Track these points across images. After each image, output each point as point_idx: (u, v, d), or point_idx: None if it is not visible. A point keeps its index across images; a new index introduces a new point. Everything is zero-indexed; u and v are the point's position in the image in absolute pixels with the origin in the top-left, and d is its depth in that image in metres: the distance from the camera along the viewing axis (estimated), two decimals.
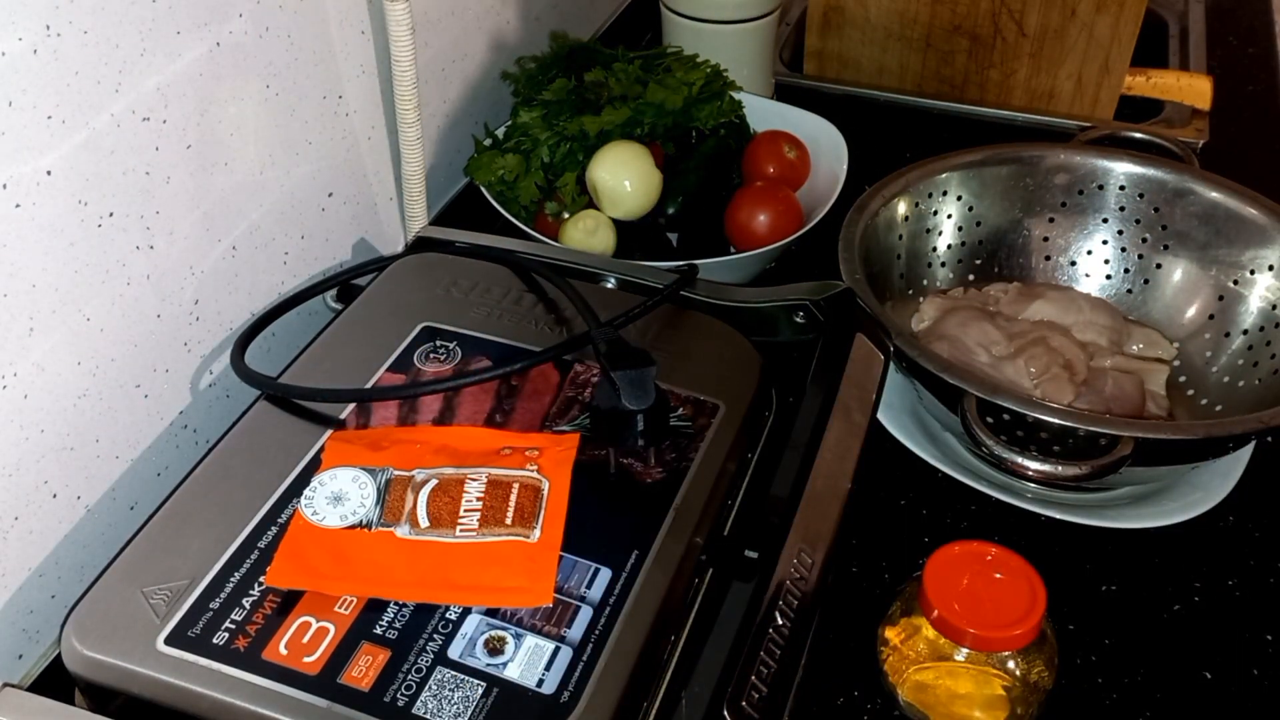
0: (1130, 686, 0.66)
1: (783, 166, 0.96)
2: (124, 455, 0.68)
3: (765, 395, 0.66)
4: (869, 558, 0.73)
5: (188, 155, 0.68)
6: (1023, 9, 1.08)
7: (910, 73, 1.17)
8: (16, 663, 0.63)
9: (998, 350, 0.81)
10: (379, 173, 0.87)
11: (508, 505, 0.56)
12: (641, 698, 0.51)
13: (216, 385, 0.74)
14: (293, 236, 0.79)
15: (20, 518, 0.61)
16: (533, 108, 0.94)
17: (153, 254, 0.67)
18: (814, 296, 0.72)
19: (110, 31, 0.60)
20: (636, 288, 0.73)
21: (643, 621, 0.52)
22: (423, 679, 0.49)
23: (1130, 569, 0.72)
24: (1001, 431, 0.70)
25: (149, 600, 0.53)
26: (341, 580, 0.53)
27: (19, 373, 0.59)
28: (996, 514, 0.75)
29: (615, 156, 0.90)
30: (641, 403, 0.60)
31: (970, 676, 0.59)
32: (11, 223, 0.57)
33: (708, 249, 0.89)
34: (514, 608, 0.52)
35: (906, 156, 0.89)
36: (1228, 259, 0.83)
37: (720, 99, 0.97)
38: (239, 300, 0.75)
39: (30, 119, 0.56)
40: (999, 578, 0.58)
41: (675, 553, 0.55)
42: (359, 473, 0.57)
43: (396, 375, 0.65)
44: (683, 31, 1.06)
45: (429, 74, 0.91)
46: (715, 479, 0.59)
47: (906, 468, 0.77)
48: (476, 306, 0.70)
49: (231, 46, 0.69)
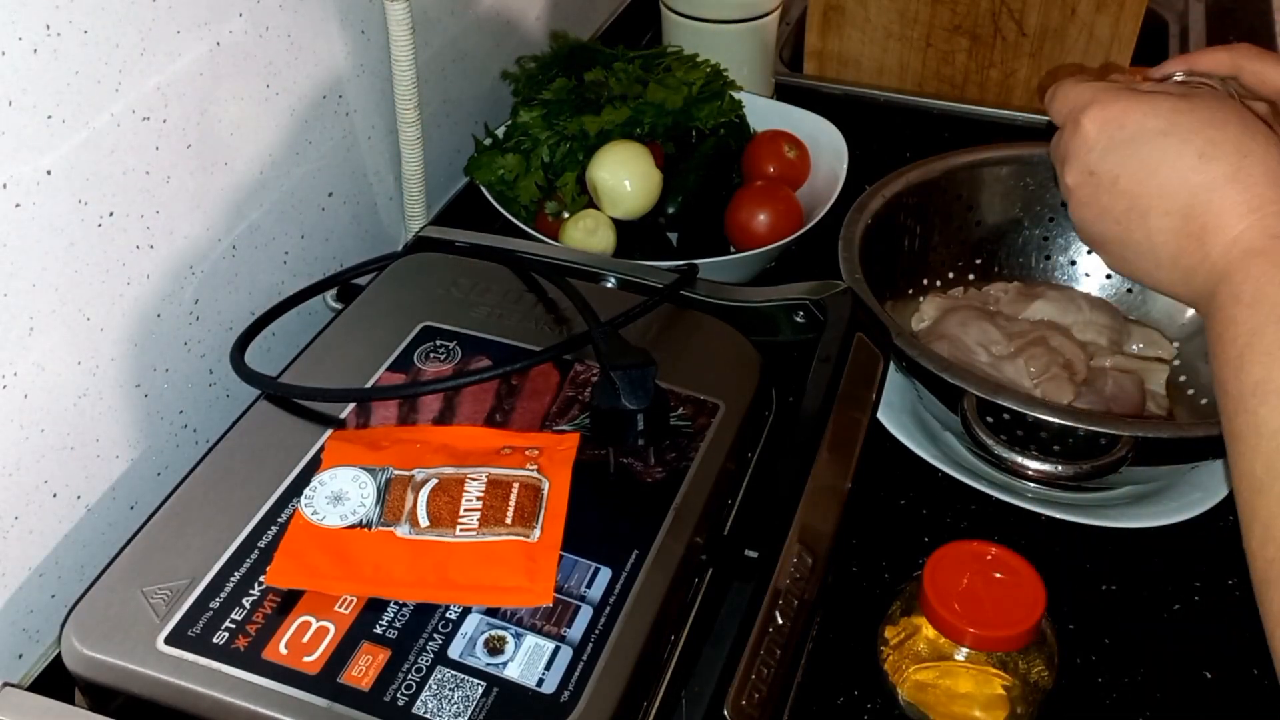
0: (1130, 686, 0.66)
1: (783, 166, 0.96)
2: (124, 455, 0.68)
3: (765, 395, 0.66)
4: (869, 558, 0.73)
5: (188, 155, 0.68)
6: (1023, 9, 1.08)
7: (910, 72, 1.17)
8: (16, 662, 0.63)
9: (998, 350, 0.81)
10: (379, 173, 0.87)
11: (508, 505, 0.56)
12: (641, 698, 0.51)
13: (216, 385, 0.74)
14: (293, 236, 0.79)
15: (20, 517, 0.61)
16: (533, 107, 0.94)
17: (153, 254, 0.67)
18: (814, 296, 0.72)
19: (110, 31, 0.60)
20: (636, 287, 0.73)
21: (643, 621, 0.52)
22: (423, 678, 0.49)
23: (1130, 569, 0.72)
24: (1001, 431, 0.70)
25: (149, 600, 0.53)
26: (341, 580, 0.53)
27: (19, 372, 0.59)
28: (996, 514, 0.75)
29: (615, 156, 0.90)
30: (641, 402, 0.60)
31: (970, 676, 0.59)
32: (11, 223, 0.57)
33: (708, 249, 0.89)
34: (514, 607, 0.52)
35: (906, 156, 0.89)
36: None
37: (720, 99, 0.97)
38: (239, 300, 0.75)
39: (30, 119, 0.56)
40: (999, 578, 0.58)
41: (675, 553, 0.55)
42: (359, 472, 0.57)
43: (396, 375, 0.65)
44: (683, 31, 1.06)
45: (429, 74, 0.91)
46: (715, 479, 0.59)
47: (906, 468, 0.77)
48: (476, 306, 0.70)
49: (231, 46, 0.69)
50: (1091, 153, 0.56)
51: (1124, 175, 0.55)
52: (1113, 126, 0.55)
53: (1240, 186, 0.51)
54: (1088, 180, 0.56)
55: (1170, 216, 0.53)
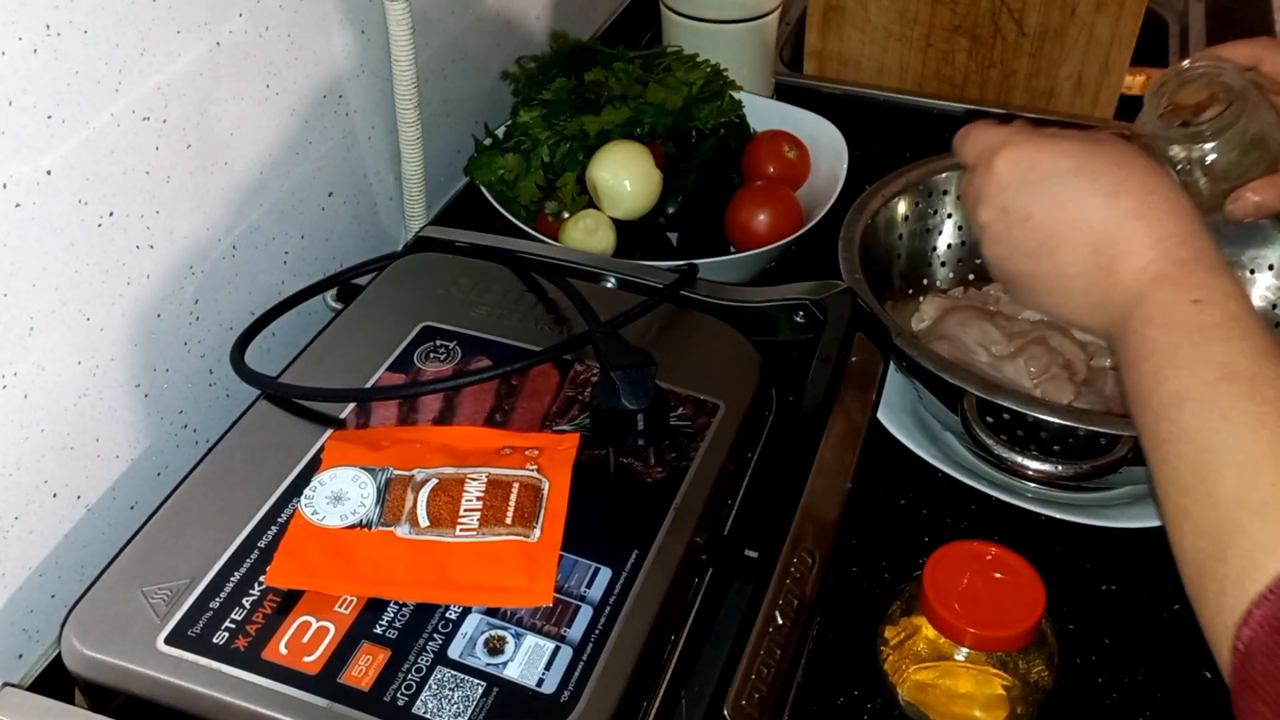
0: (1130, 686, 0.66)
1: (783, 166, 0.96)
2: (124, 455, 0.68)
3: (765, 395, 0.66)
4: (869, 558, 0.73)
5: (188, 155, 0.68)
6: (1023, 8, 1.08)
7: (910, 72, 1.17)
8: (16, 662, 0.63)
9: (998, 350, 0.81)
10: (379, 173, 0.87)
11: (508, 505, 0.56)
12: (641, 698, 0.51)
13: (216, 385, 0.74)
14: (293, 236, 0.79)
15: (20, 517, 0.61)
16: (533, 107, 0.94)
17: (153, 254, 0.67)
18: (814, 296, 0.72)
19: (110, 31, 0.60)
20: (636, 287, 0.73)
21: (643, 621, 0.52)
22: (423, 678, 0.49)
23: (1130, 569, 0.72)
24: (1001, 431, 0.70)
25: (149, 600, 0.53)
26: (341, 580, 0.53)
27: (19, 372, 0.59)
28: (996, 514, 0.75)
29: (615, 156, 0.90)
30: (641, 402, 0.60)
31: (970, 676, 0.59)
32: (11, 222, 0.57)
33: (708, 249, 0.89)
34: (514, 607, 0.52)
35: (906, 156, 0.89)
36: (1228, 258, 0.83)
37: (720, 99, 0.97)
38: (239, 300, 0.75)
39: (30, 119, 0.56)
40: (999, 578, 0.58)
41: (675, 553, 0.55)
42: (359, 472, 0.57)
43: (396, 375, 0.65)
44: (683, 31, 1.06)
45: (429, 74, 0.91)
46: (715, 479, 0.59)
47: (906, 468, 0.77)
48: (476, 306, 0.70)
49: (231, 46, 0.69)
50: (1004, 191, 0.58)
51: (1035, 212, 0.57)
52: (1024, 166, 0.58)
53: (1147, 221, 0.54)
54: (1000, 218, 0.59)
55: (1080, 250, 0.56)
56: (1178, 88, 0.65)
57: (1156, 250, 0.53)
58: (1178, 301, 0.51)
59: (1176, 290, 0.52)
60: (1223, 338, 0.49)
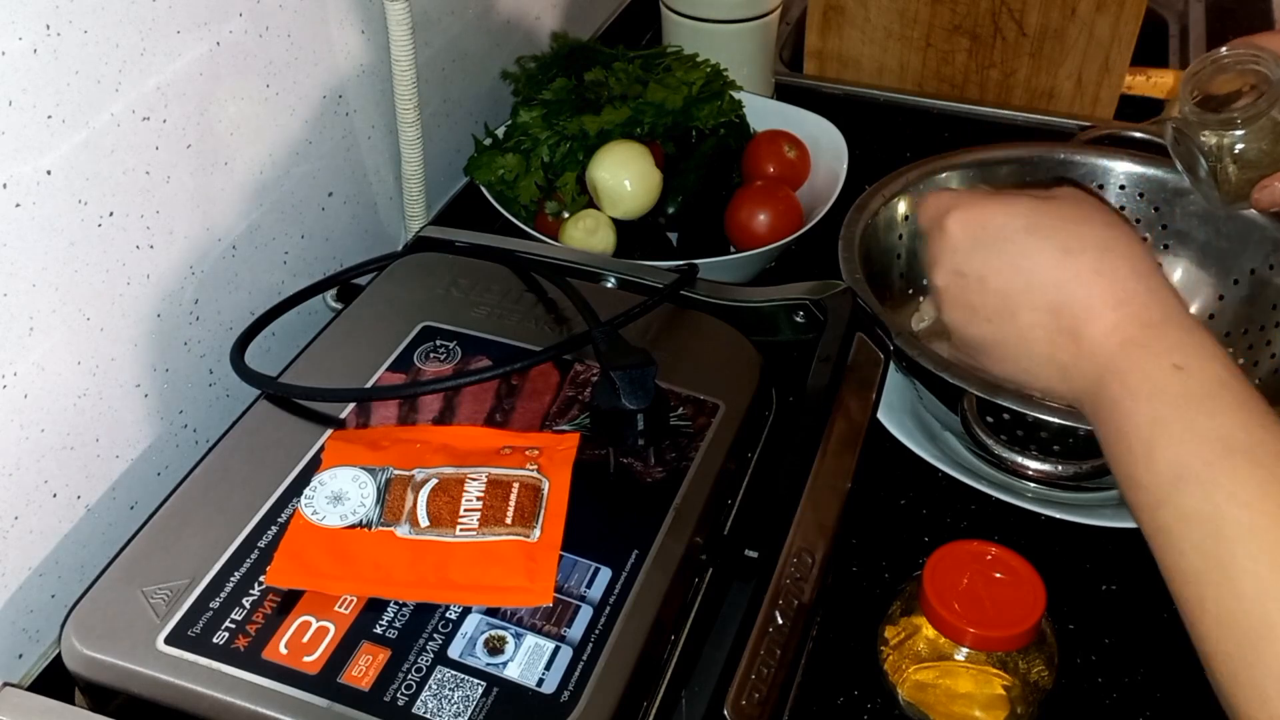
0: (1130, 686, 0.66)
1: (783, 166, 0.96)
2: (124, 455, 0.68)
3: (765, 395, 0.66)
4: (869, 558, 0.73)
5: (188, 155, 0.68)
6: (1023, 9, 1.08)
7: (910, 72, 1.17)
8: (16, 662, 0.63)
9: None
10: (379, 172, 0.87)
11: (508, 505, 0.56)
12: (641, 698, 0.51)
13: (216, 385, 0.74)
14: (293, 236, 0.79)
15: (20, 517, 0.61)
16: (533, 107, 0.94)
17: (153, 254, 0.67)
18: (814, 296, 0.72)
19: (110, 31, 0.60)
20: (636, 287, 0.73)
21: (643, 621, 0.52)
22: (423, 678, 0.49)
23: (1130, 569, 0.72)
24: (1001, 431, 0.70)
25: (149, 600, 0.53)
26: (341, 580, 0.53)
27: (19, 372, 0.59)
28: (996, 514, 0.75)
29: (615, 156, 0.90)
30: (641, 402, 0.60)
31: (970, 676, 0.59)
32: (11, 222, 0.57)
33: (708, 249, 0.89)
34: (514, 607, 0.52)
35: (906, 156, 0.89)
36: (1228, 258, 0.83)
37: (720, 99, 0.97)
38: (239, 300, 0.75)
39: (30, 119, 0.56)
40: (999, 578, 0.58)
41: (675, 552, 0.55)
42: (359, 472, 0.57)
43: (396, 375, 0.65)
44: (683, 31, 1.06)
45: (429, 74, 0.91)
46: (715, 479, 0.59)
47: (906, 468, 0.77)
48: (476, 306, 0.70)
49: (231, 46, 0.69)
50: (957, 253, 0.57)
51: (990, 274, 0.55)
52: (975, 227, 0.56)
53: (1106, 280, 0.51)
54: (956, 281, 0.57)
55: (1039, 312, 0.53)
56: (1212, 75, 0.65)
57: (1121, 312, 0.50)
58: (1157, 369, 0.48)
59: (1152, 356, 0.49)
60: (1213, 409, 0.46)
